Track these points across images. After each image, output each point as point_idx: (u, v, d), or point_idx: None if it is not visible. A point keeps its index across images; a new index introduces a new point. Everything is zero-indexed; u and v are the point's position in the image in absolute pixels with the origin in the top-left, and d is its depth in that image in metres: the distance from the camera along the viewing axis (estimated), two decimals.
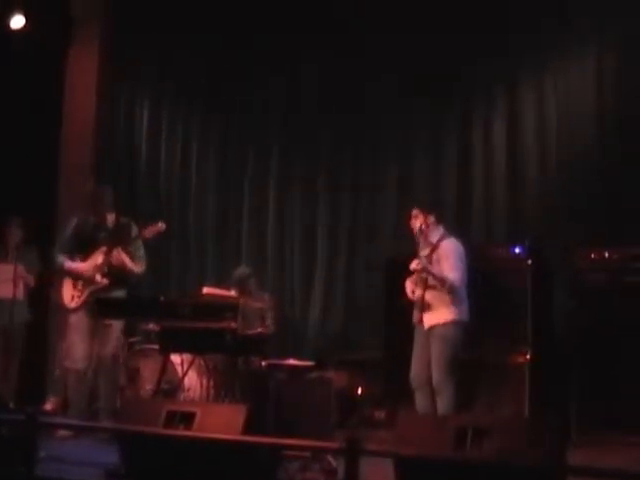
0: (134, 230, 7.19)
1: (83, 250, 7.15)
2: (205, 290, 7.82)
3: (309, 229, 9.14)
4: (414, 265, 6.50)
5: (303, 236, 9.15)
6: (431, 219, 6.60)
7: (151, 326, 7.84)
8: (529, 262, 7.07)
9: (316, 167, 9.21)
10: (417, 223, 6.57)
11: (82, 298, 7.06)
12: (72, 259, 7.17)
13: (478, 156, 8.41)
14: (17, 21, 8.88)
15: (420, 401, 6.45)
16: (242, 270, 8.39)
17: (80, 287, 7.09)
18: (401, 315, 6.95)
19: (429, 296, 6.44)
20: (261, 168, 9.43)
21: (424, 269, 6.43)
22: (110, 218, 7.20)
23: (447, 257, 6.46)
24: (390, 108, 8.82)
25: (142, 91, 9.90)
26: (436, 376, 6.33)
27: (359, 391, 7.12)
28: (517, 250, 7.17)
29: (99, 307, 6.78)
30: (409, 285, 6.61)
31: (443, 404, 6.27)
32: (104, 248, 7.07)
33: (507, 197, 8.20)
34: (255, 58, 9.38)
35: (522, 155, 8.19)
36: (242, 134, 9.55)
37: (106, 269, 7.05)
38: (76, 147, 9.54)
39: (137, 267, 7.20)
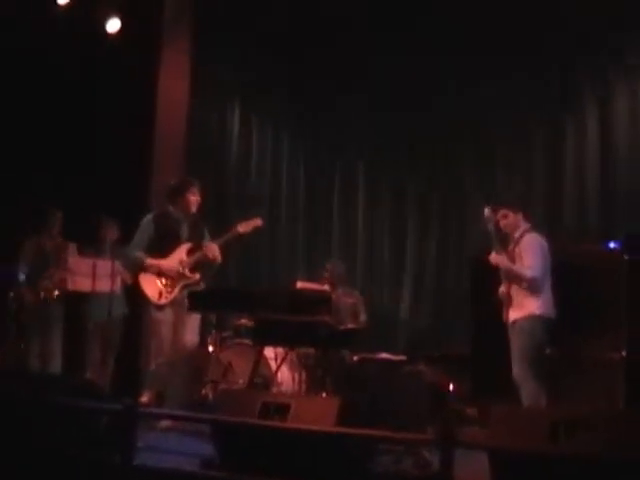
0: (203, 225, 7.22)
1: (165, 245, 7.07)
2: (299, 285, 7.89)
3: (398, 226, 9.16)
4: (491, 259, 6.55)
5: (392, 233, 9.18)
6: (519, 217, 6.66)
7: (243, 321, 7.98)
8: (626, 257, 6.95)
9: (404, 166, 9.22)
10: (504, 222, 6.62)
11: (173, 294, 6.98)
12: (152, 255, 7.05)
13: (569, 154, 8.32)
14: (113, 24, 9.12)
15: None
16: (335, 265, 8.46)
17: (169, 282, 7.00)
18: (488, 313, 6.91)
19: (512, 291, 6.49)
20: (350, 166, 9.50)
21: (498, 265, 6.49)
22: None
23: (527, 251, 6.50)
24: (475, 102, 8.76)
25: (232, 91, 10.03)
26: (516, 369, 6.35)
27: (450, 387, 7.09)
28: (613, 245, 7.08)
29: (192, 300, 6.81)
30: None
31: (525, 398, 6.25)
32: (188, 243, 7.07)
33: (599, 194, 8.11)
34: (338, 56, 9.39)
35: (615, 152, 8.07)
36: (331, 133, 9.63)
37: (193, 264, 7.02)
38: (168, 149, 9.72)
39: None
